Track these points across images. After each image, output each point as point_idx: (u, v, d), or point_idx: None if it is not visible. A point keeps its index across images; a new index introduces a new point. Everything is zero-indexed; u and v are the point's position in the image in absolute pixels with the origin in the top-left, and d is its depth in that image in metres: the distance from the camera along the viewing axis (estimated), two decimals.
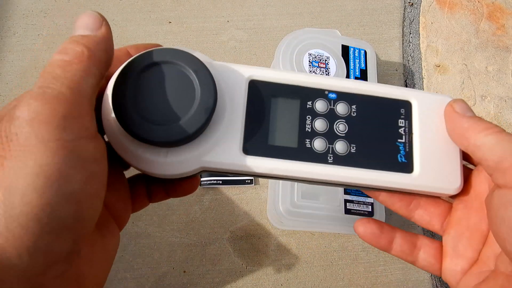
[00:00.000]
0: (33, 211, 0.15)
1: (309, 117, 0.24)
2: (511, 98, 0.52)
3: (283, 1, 0.56)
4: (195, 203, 0.46)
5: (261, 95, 0.23)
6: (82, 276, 0.18)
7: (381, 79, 0.52)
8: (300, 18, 0.55)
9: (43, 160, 0.15)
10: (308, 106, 0.24)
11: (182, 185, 0.25)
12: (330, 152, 0.23)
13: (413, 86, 0.53)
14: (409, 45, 0.55)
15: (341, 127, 0.24)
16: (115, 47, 0.21)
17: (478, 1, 0.57)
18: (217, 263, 0.44)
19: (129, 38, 0.53)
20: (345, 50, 0.46)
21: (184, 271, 0.43)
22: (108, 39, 0.19)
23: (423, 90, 0.52)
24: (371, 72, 0.46)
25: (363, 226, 0.25)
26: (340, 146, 0.23)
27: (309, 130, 0.23)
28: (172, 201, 0.45)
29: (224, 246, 0.44)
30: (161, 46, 0.23)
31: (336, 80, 0.24)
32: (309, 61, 0.44)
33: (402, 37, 0.55)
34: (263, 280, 0.43)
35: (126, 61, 0.21)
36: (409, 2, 0.57)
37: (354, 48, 0.47)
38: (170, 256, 0.44)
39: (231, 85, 0.23)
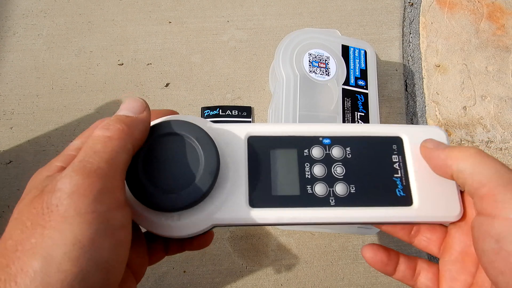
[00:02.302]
0: (67, 279, 0.16)
1: (307, 164, 0.25)
2: (511, 98, 0.52)
3: (283, 1, 0.56)
4: None
5: (260, 149, 0.25)
6: None
7: (381, 79, 0.52)
8: (300, 18, 0.55)
9: (79, 231, 0.17)
10: (305, 153, 0.25)
11: (197, 241, 0.26)
12: (331, 195, 0.24)
13: (413, 86, 0.53)
14: (409, 45, 0.55)
15: (338, 170, 0.25)
16: (116, 46, 0.21)
17: (478, 1, 0.57)
18: (217, 263, 0.44)
19: (129, 38, 0.53)
20: (345, 50, 0.46)
21: (184, 271, 0.43)
22: (146, 122, 0.22)
23: (423, 91, 0.52)
24: (371, 72, 0.46)
25: (372, 253, 0.26)
26: (340, 188, 0.24)
27: (309, 177, 0.25)
28: None
29: (224, 246, 0.44)
30: (173, 111, 0.25)
31: (327, 126, 0.26)
32: (309, 61, 0.44)
33: (402, 37, 0.55)
34: (263, 280, 0.43)
35: None
36: (409, 2, 0.57)
37: (354, 48, 0.47)
38: (170, 256, 0.44)
39: (231, 145, 0.25)
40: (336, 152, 0.25)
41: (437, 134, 0.25)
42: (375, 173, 0.25)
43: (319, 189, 0.24)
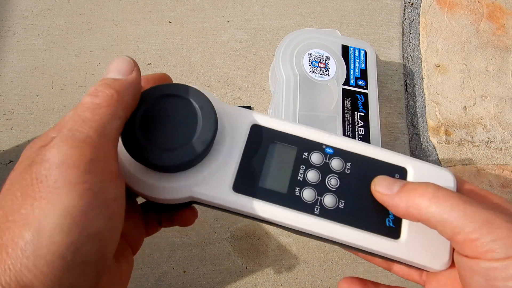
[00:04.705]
0: (59, 250, 0.16)
1: (303, 167, 0.24)
2: (511, 98, 0.52)
3: (283, 1, 0.56)
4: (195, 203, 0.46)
5: (260, 139, 0.24)
6: None
7: (381, 79, 0.52)
8: (300, 18, 0.55)
9: (70, 202, 0.16)
10: (304, 156, 0.24)
11: (182, 215, 0.26)
12: (318, 204, 0.23)
13: (413, 86, 0.53)
14: (409, 45, 0.55)
15: (332, 182, 0.24)
16: (116, 46, 0.21)
17: (478, 1, 0.57)
18: (217, 263, 0.44)
19: (129, 38, 0.53)
20: (345, 50, 0.46)
21: (184, 271, 0.43)
22: (137, 84, 0.21)
23: (423, 91, 0.52)
24: (371, 72, 0.46)
25: (347, 286, 0.25)
26: (328, 200, 0.24)
27: (301, 179, 0.24)
28: None
29: (224, 246, 0.44)
30: (166, 75, 0.25)
31: (335, 137, 0.25)
32: (309, 61, 0.44)
33: (402, 37, 0.55)
34: (263, 280, 0.43)
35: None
36: (409, 2, 0.57)
37: (354, 48, 0.47)
38: (170, 256, 0.44)
39: (234, 126, 0.24)
40: (336, 163, 0.24)
41: (445, 178, 0.24)
42: (369, 195, 0.24)
43: (307, 194, 0.24)
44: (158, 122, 0.22)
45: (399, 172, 0.24)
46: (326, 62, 0.45)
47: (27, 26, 0.53)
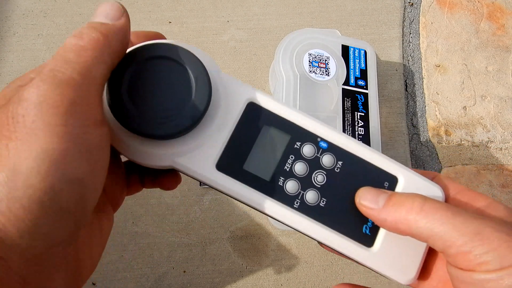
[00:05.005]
0: (36, 194, 0.15)
1: (292, 157, 0.23)
2: (511, 98, 0.52)
3: (283, 1, 0.56)
4: (195, 203, 0.46)
5: (254, 119, 0.23)
6: (79, 257, 0.19)
7: (381, 79, 0.52)
8: (300, 18, 0.55)
9: (49, 145, 0.15)
10: (295, 146, 0.23)
11: (164, 179, 0.25)
12: (299, 198, 0.23)
13: (413, 86, 0.53)
14: (409, 45, 0.55)
15: (319, 178, 0.23)
16: None
17: (478, 1, 0.57)
18: (217, 263, 0.44)
19: None
20: (345, 50, 0.46)
21: (184, 271, 0.43)
22: (125, 30, 0.19)
23: (423, 91, 0.52)
24: (371, 72, 0.46)
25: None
26: (311, 196, 0.23)
27: (287, 170, 0.23)
28: (172, 201, 0.45)
29: (224, 246, 0.44)
30: (160, 34, 0.23)
31: (332, 133, 0.24)
32: (309, 61, 0.44)
33: (402, 37, 0.55)
34: (263, 280, 0.43)
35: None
36: (409, 2, 0.57)
37: (354, 48, 0.47)
38: (170, 256, 0.44)
39: (229, 100, 0.23)
40: (327, 159, 0.23)
41: (434, 194, 0.23)
42: (353, 199, 0.23)
43: (290, 186, 0.23)
44: (146, 84, 0.21)
45: (389, 180, 0.23)
46: (326, 62, 0.45)
47: (27, 26, 0.53)
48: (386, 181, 0.23)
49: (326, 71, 0.44)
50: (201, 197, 0.46)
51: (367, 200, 0.22)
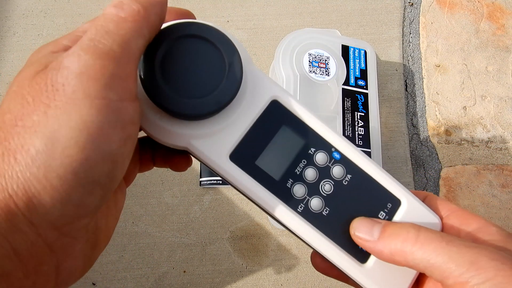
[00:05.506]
0: (72, 165, 0.15)
1: (304, 161, 0.23)
2: (511, 98, 0.52)
3: (283, 1, 0.56)
4: (195, 203, 0.46)
5: (275, 117, 0.23)
6: (98, 228, 0.19)
7: (381, 79, 0.52)
8: (300, 18, 0.55)
9: (88, 117, 0.15)
10: (310, 151, 0.24)
11: (176, 159, 0.25)
12: (304, 203, 0.23)
13: (413, 86, 0.53)
14: (409, 45, 0.55)
15: (327, 187, 0.23)
16: None
17: (478, 1, 0.57)
18: (217, 263, 0.44)
19: None
20: (345, 50, 0.46)
21: (184, 271, 0.43)
22: (164, 4, 0.19)
23: (423, 91, 0.52)
24: (371, 72, 0.46)
25: (315, 259, 0.25)
26: (315, 203, 0.23)
27: (297, 173, 0.23)
28: (172, 201, 0.45)
29: (224, 246, 0.44)
30: (191, 13, 0.23)
31: (348, 147, 0.24)
32: (309, 61, 0.44)
33: (402, 37, 0.55)
34: (263, 280, 0.43)
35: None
36: (409, 2, 0.57)
37: (354, 48, 0.47)
38: (170, 256, 0.44)
39: (255, 93, 0.23)
40: (337, 170, 0.24)
41: (431, 223, 0.23)
42: (355, 214, 0.23)
43: (298, 190, 0.23)
44: (179, 62, 0.20)
45: (392, 202, 0.24)
46: (326, 62, 0.45)
47: (27, 26, 0.53)
48: (389, 203, 0.24)
49: (326, 71, 0.44)
50: (201, 197, 0.46)
51: (362, 232, 0.22)
